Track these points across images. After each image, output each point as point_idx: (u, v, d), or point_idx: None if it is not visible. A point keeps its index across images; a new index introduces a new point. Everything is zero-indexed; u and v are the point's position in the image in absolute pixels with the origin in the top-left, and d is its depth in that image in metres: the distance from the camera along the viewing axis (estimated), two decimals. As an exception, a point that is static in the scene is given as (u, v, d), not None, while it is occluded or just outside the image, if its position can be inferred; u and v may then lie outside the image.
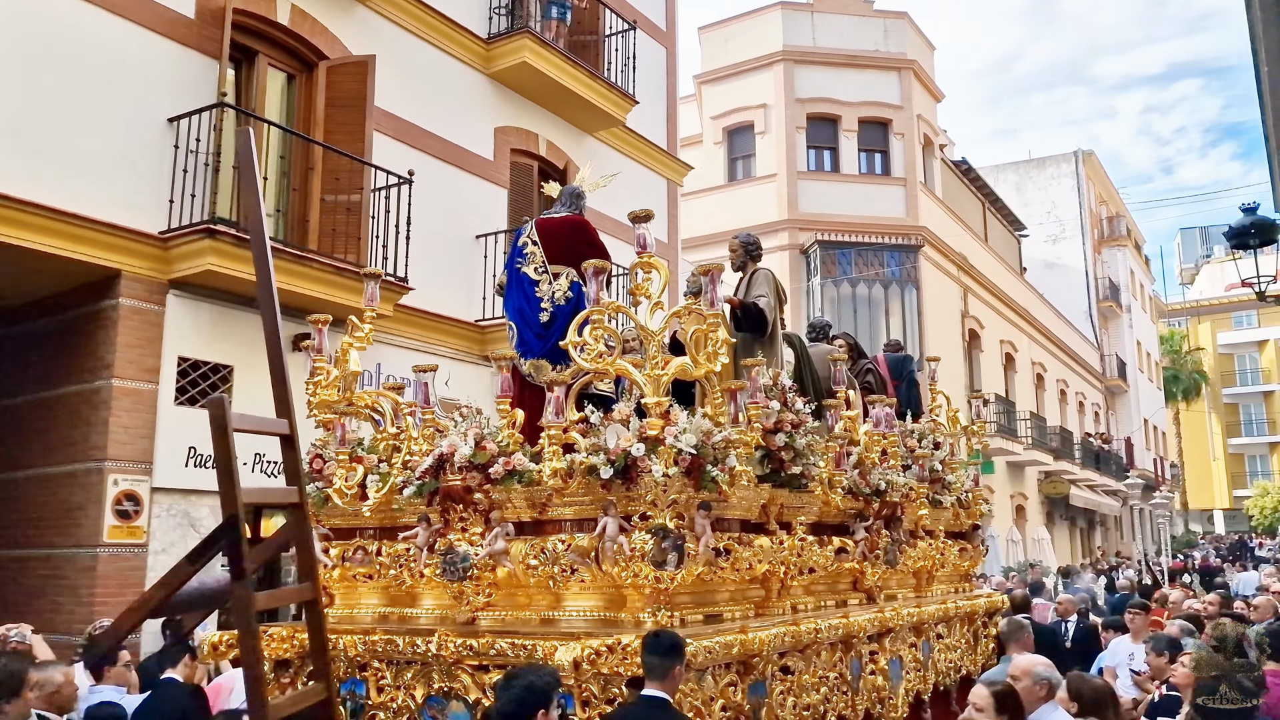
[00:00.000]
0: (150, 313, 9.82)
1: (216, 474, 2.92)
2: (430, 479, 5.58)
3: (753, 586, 5.82)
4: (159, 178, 9.89)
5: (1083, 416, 41.42)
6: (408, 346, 12.18)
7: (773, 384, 6.09)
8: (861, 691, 6.28)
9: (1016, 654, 6.59)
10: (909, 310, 25.23)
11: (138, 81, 9.88)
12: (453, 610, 5.63)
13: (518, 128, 14.52)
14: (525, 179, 14.58)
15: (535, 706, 4.02)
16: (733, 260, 8.02)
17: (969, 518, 9.19)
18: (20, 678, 4.32)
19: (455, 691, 5.21)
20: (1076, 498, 35.87)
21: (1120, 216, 48.17)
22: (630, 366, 5.31)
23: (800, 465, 5.95)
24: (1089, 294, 43.14)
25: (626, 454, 4.97)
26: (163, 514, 9.75)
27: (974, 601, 8.81)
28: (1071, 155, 43.99)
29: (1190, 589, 17.17)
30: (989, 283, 31.10)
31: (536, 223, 6.92)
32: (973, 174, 32.45)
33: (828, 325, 9.75)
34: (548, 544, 5.29)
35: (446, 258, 12.93)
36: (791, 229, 25.32)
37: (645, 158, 17.13)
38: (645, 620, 4.96)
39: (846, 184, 26.24)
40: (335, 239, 11.10)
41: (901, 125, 26.72)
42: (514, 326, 6.79)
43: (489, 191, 13.89)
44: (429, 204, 12.53)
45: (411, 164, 12.16)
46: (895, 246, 25.41)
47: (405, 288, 11.40)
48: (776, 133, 26.11)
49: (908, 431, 8.49)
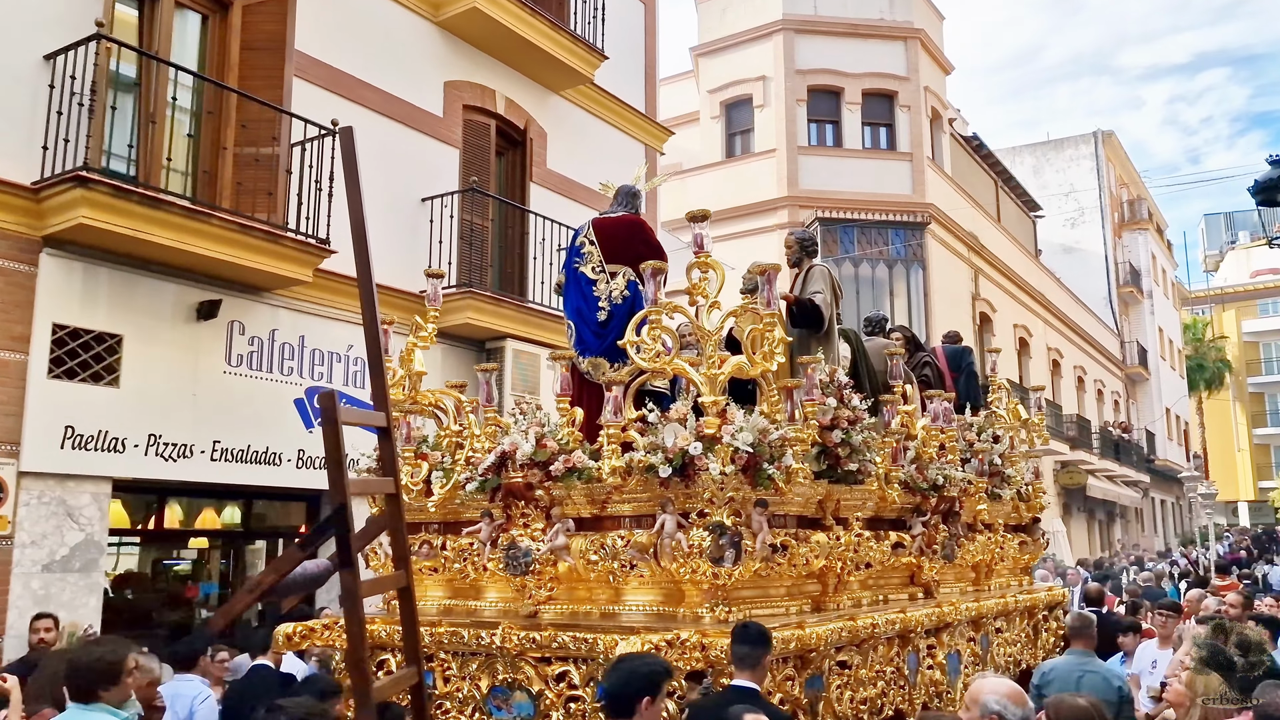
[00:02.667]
0: (19, 273, 8.70)
1: (327, 465, 3.02)
2: (493, 475, 5.75)
3: (810, 581, 5.93)
4: (32, 122, 8.76)
5: (1102, 405, 40.36)
6: (339, 318, 11.05)
7: (829, 380, 6.16)
8: (919, 686, 6.36)
9: (1081, 648, 6.62)
10: (915, 291, 24.21)
11: (11, 13, 8.75)
12: (516, 603, 5.78)
13: (471, 82, 13.27)
14: (481, 139, 13.38)
15: (640, 693, 4.04)
16: (788, 256, 8.08)
17: (1029, 511, 9.18)
18: (120, 665, 4.42)
19: (519, 683, 5.36)
20: (1094, 489, 34.74)
21: (1141, 199, 46.85)
22: (688, 366, 5.41)
23: (856, 461, 6.01)
24: (1109, 279, 41.97)
25: (684, 453, 5.05)
26: (32, 501, 8.60)
27: (1034, 595, 8.77)
28: (1091, 136, 42.69)
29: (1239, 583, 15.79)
30: (1001, 264, 29.74)
31: (593, 222, 7.00)
32: (984, 150, 31.14)
33: (884, 319, 9.77)
34: (607, 540, 5.41)
35: (387, 221, 11.75)
36: (791, 206, 24.11)
37: (621, 121, 15.91)
38: (703, 615, 5.08)
39: (849, 159, 24.97)
40: (252, 196, 9.97)
41: (907, 98, 25.38)
42: (572, 325, 6.91)
43: (438, 151, 12.68)
44: (367, 162, 11.32)
45: (348, 118, 10.98)
46: (900, 224, 24.27)
47: (326, 250, 10.23)
48: (776, 106, 24.88)
49: (966, 425, 8.51)
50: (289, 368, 10.68)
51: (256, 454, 10.22)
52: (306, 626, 6.23)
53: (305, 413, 10.68)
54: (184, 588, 10.68)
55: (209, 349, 9.93)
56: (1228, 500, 59.51)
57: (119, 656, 4.47)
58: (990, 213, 30.50)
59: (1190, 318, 58.22)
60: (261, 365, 10.41)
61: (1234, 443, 60.42)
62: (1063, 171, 42.31)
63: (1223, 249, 71.82)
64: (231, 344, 10.14)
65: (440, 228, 12.04)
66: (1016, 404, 9.22)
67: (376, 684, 3.21)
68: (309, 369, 10.84)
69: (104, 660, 4.42)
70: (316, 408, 10.61)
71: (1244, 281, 63.98)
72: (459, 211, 12.33)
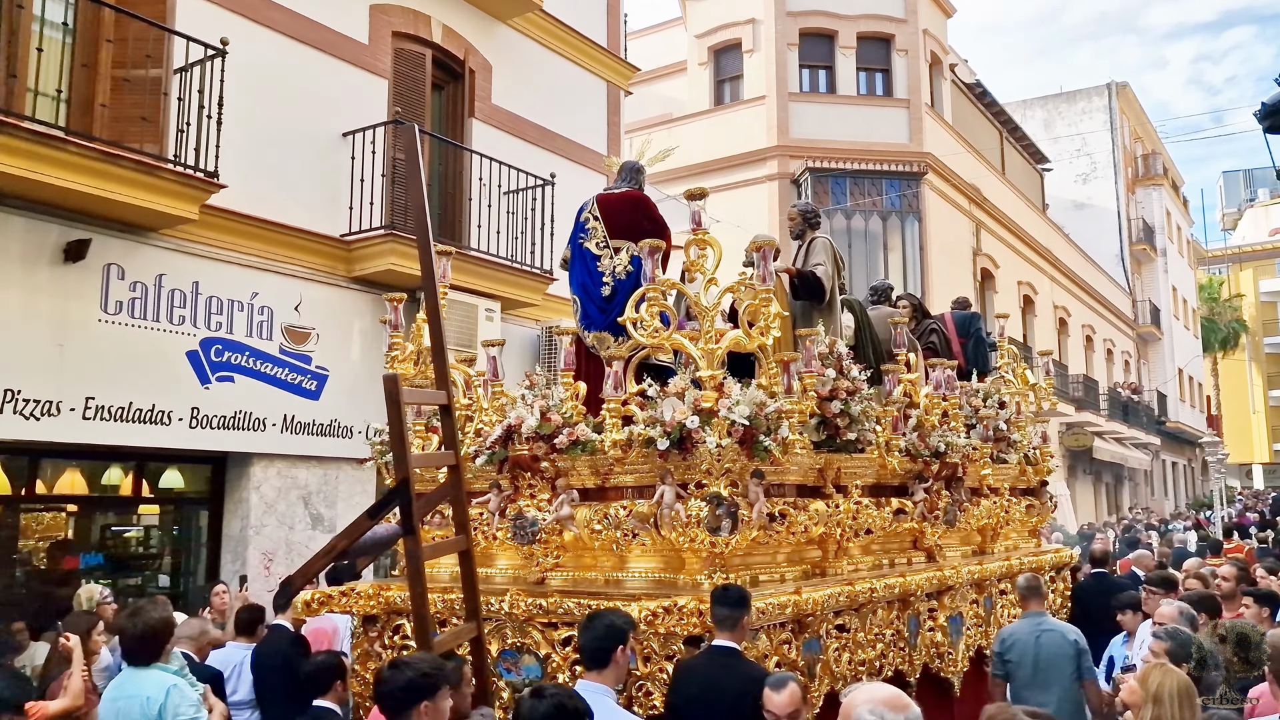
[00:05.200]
0: None
1: (390, 442, 3.46)
2: (500, 448, 5.94)
3: (810, 548, 6.11)
4: None
5: (1111, 365, 39.42)
6: (241, 263, 9.95)
7: (829, 352, 6.28)
8: (919, 648, 6.59)
9: (1034, 609, 6.88)
10: (910, 244, 23.13)
11: None
12: (524, 570, 6.00)
13: (402, 7, 12.04)
14: (415, 70, 12.21)
15: (615, 642, 4.48)
16: (791, 228, 8.21)
17: (1036, 474, 9.32)
18: (171, 626, 4.81)
19: (527, 646, 5.58)
20: (1102, 451, 33.87)
21: (1156, 154, 45.46)
22: (686, 341, 5.60)
23: (856, 431, 6.14)
24: (1121, 236, 40.92)
25: (681, 426, 5.20)
26: None
27: (1040, 557, 8.86)
28: (1104, 88, 41.28)
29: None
30: (1005, 218, 28.67)
31: (598, 198, 7.12)
32: (988, 99, 29.83)
33: (889, 288, 9.84)
34: (610, 510, 5.60)
35: (303, 158, 10.65)
36: (781, 156, 22.93)
37: (579, 55, 14.69)
38: (703, 582, 5.24)
39: (843, 106, 23.74)
40: (130, 124, 8.88)
41: (905, 41, 24.16)
42: (578, 300, 7.03)
43: (363, 81, 11.48)
44: (273, 91, 10.29)
45: (247, 40, 9.89)
46: (895, 174, 23.06)
47: (213, 184, 9.09)
48: (766, 51, 23.67)
49: (972, 391, 8.62)
50: (180, 316, 9.41)
51: (140, 413, 9.00)
52: (324, 593, 6.37)
53: (201, 367, 9.52)
54: (63, 558, 9.60)
55: (80, 295, 8.71)
56: (1241, 463, 58.38)
57: (169, 617, 4.81)
58: (994, 164, 29.32)
59: (1206, 277, 56.82)
60: (146, 313, 9.16)
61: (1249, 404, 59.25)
62: (1074, 125, 41.07)
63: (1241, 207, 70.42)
64: (108, 289, 8.88)
65: (363, 165, 10.83)
66: (1024, 369, 9.30)
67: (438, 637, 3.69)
68: (205, 318, 9.59)
69: (159, 622, 4.69)
70: (215, 361, 9.57)
71: (1262, 240, 62.75)
72: (386, 148, 11.19)
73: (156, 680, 4.55)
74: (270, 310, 10.18)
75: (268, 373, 10.16)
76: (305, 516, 10.47)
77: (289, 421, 10.26)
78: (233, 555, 10.06)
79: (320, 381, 10.61)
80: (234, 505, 10.21)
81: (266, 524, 10.14)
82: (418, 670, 3.89)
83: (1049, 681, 6.44)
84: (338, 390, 10.73)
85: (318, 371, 10.61)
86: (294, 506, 10.37)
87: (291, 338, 10.39)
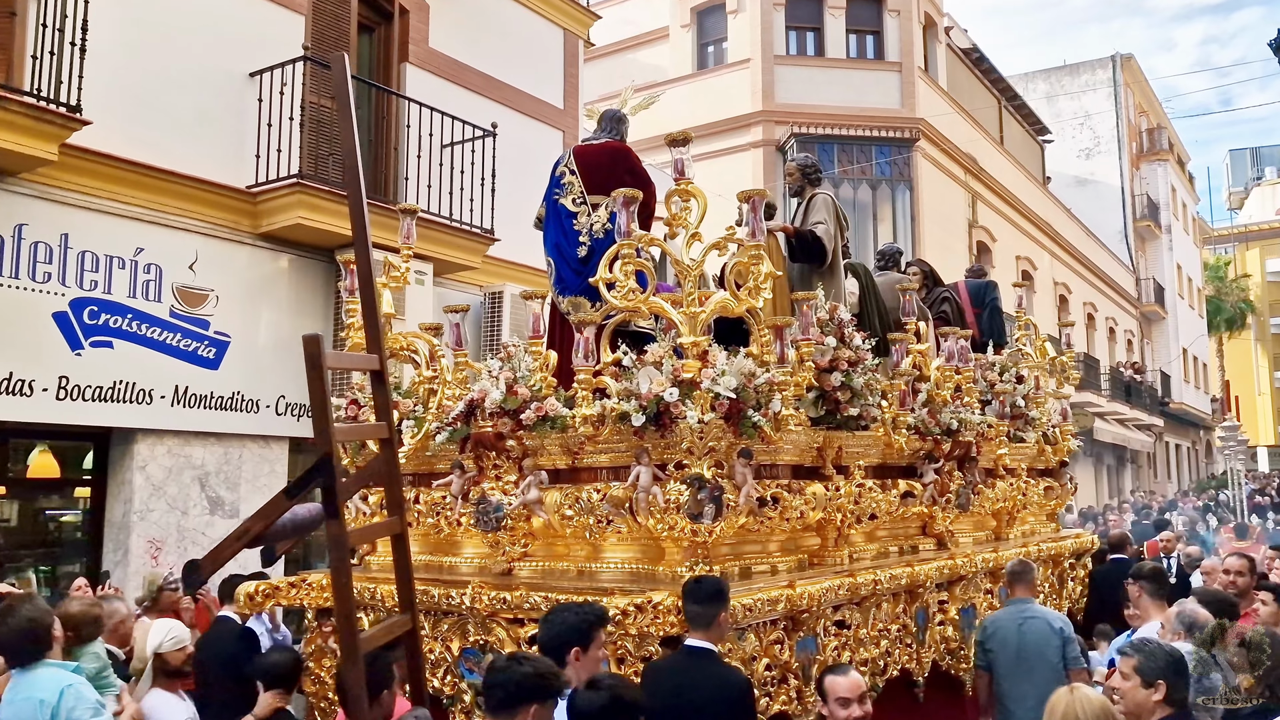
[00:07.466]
0: None
1: (312, 412, 2.88)
2: (462, 425, 5.47)
3: (808, 535, 5.66)
4: None
5: (1113, 344, 38.57)
6: (122, 214, 8.90)
7: (829, 318, 5.84)
8: (928, 644, 6.13)
9: (1021, 594, 6.35)
10: (901, 214, 22.34)
11: None
12: (492, 559, 5.54)
13: (325, -67, 10.95)
14: (338, 6, 11.11)
15: (571, 643, 4.01)
16: (790, 184, 7.61)
17: (1055, 454, 8.81)
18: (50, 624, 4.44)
19: (490, 645, 5.12)
20: (1103, 432, 33.03)
21: (1162, 129, 44.46)
22: (665, 304, 5.06)
23: (858, 406, 5.71)
24: (1125, 212, 40.11)
25: (659, 399, 4.71)
26: None
27: (1060, 543, 8.37)
28: (1108, 60, 40.32)
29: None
30: (1003, 189, 27.71)
31: (574, 151, 6.64)
32: (986, 65, 28.78)
33: (898, 252, 9.24)
34: (582, 494, 5.12)
35: (201, 100, 9.58)
36: (766, 122, 22.10)
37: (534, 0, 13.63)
38: (683, 574, 4.72)
39: (831, 70, 22.81)
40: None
41: (897, 2, 23.20)
42: (552, 262, 6.53)
43: (276, 16, 10.32)
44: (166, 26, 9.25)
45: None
46: (885, 140, 22.17)
47: (74, 120, 7.97)
48: (751, 11, 22.66)
49: (988, 365, 8.12)
50: (45, 273, 8.31)
51: (-7, 381, 7.99)
52: (270, 585, 6.00)
53: (71, 330, 8.43)
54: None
55: None
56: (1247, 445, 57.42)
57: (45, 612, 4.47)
58: (991, 133, 28.32)
59: (1212, 256, 55.83)
60: (3, 269, 8.08)
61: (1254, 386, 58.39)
62: (1077, 98, 40.13)
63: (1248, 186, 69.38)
64: (-48, 242, 7.86)
65: (271, 108, 9.73)
66: (1044, 341, 8.87)
67: (365, 633, 3.28)
68: (76, 275, 8.49)
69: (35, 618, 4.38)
70: (89, 324, 8.54)
71: (1269, 219, 61.77)
72: (300, 90, 10.05)
73: (49, 680, 4.23)
74: (159, 268, 9.06)
75: (155, 338, 9.00)
76: (202, 500, 9.34)
77: (181, 394, 9.11)
78: (115, 544, 8.96)
79: (220, 349, 9.46)
80: (116, 488, 9.03)
81: (154, 508, 8.99)
82: (537, 669, 3.51)
83: (1031, 671, 5.99)
84: (240, 359, 9.61)
85: (216, 338, 9.45)
86: (188, 489, 9.22)
87: (185, 300, 9.24)
